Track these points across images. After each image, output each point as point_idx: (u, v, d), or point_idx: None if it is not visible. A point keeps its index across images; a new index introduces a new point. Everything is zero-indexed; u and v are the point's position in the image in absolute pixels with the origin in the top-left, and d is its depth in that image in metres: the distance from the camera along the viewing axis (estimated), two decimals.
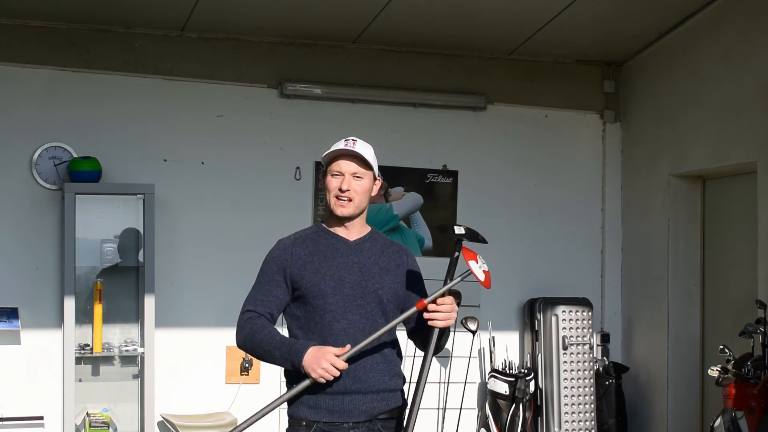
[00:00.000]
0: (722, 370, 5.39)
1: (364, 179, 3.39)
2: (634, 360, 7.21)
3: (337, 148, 3.39)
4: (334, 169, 3.38)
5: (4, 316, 6.14)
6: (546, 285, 7.19)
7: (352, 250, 3.42)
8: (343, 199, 3.37)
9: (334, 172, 3.38)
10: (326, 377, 3.21)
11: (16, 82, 6.30)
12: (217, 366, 6.59)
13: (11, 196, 6.26)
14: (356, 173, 3.38)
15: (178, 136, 6.59)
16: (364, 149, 3.39)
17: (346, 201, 3.37)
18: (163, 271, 6.30)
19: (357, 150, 3.36)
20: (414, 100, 7.01)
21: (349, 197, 3.37)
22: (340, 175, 3.37)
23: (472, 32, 6.75)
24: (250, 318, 3.37)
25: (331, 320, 3.34)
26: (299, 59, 6.79)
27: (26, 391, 6.23)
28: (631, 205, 7.32)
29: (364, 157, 3.37)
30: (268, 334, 3.31)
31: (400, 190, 7.00)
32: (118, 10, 6.24)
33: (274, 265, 3.40)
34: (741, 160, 6.18)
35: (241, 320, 3.39)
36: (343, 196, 3.36)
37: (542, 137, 7.33)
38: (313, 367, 3.21)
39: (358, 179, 3.38)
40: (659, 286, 6.93)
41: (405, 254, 3.53)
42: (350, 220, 3.42)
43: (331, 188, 3.38)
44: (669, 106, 6.88)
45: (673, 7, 6.52)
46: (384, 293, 3.40)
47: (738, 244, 6.48)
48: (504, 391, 6.74)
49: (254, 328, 3.33)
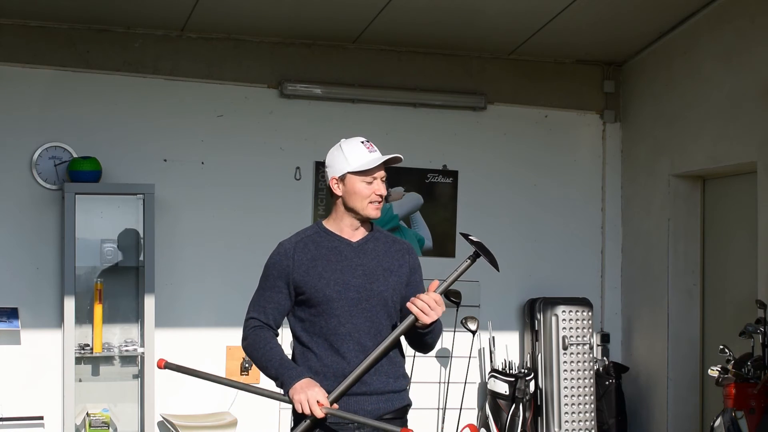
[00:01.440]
0: (722, 370, 5.39)
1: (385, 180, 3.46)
2: (634, 360, 7.21)
3: (363, 152, 3.40)
4: (372, 175, 3.40)
5: (4, 316, 6.14)
6: (546, 285, 7.19)
7: (355, 252, 3.42)
8: (377, 203, 3.41)
9: (369, 180, 3.40)
10: (301, 407, 3.21)
11: (16, 82, 6.30)
12: (217, 366, 6.58)
13: (11, 196, 6.26)
14: (384, 176, 3.44)
15: (178, 136, 6.59)
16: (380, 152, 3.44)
17: (378, 204, 3.42)
18: (163, 271, 6.30)
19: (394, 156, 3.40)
20: (414, 100, 7.01)
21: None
22: (374, 180, 3.40)
23: (473, 32, 6.75)
24: (254, 327, 3.41)
25: (337, 324, 3.34)
26: (299, 59, 6.79)
27: (26, 391, 6.23)
28: (631, 204, 7.32)
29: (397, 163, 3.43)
30: (269, 350, 3.35)
31: (400, 190, 7.00)
32: (118, 10, 6.23)
33: (276, 270, 3.41)
34: (741, 160, 6.18)
35: (246, 327, 3.44)
36: (381, 201, 3.42)
37: (542, 137, 7.33)
38: (297, 393, 3.23)
39: (383, 181, 3.44)
40: (659, 286, 6.93)
41: (407, 252, 3.53)
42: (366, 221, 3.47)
43: (365, 194, 3.39)
44: (669, 106, 6.88)
45: (673, 7, 6.52)
46: (389, 295, 3.40)
47: (738, 244, 6.48)
48: (504, 391, 6.74)
49: (257, 340, 3.39)
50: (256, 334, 3.39)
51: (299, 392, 3.23)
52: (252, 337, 3.39)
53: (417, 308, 3.26)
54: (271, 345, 3.36)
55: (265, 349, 3.35)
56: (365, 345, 3.32)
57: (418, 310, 3.26)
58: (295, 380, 3.25)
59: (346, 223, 3.44)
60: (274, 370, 3.32)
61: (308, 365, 3.35)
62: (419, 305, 3.26)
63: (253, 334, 3.39)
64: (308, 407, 3.21)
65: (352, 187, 3.39)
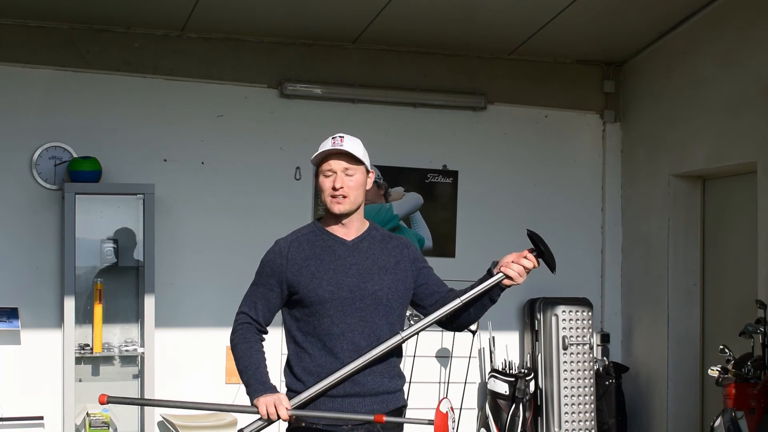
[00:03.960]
0: (722, 370, 5.39)
1: (356, 174, 3.37)
2: (634, 360, 7.21)
3: (325, 147, 3.38)
4: (325, 168, 3.37)
5: (4, 316, 6.14)
6: (546, 285, 7.14)
7: (349, 251, 3.40)
8: (338, 197, 3.36)
9: (326, 172, 3.37)
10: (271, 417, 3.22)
11: (16, 82, 6.30)
12: (217, 366, 6.59)
13: (11, 196, 6.26)
14: (347, 170, 3.36)
15: (178, 136, 6.59)
16: (352, 144, 3.37)
17: (341, 198, 3.36)
18: (163, 271, 6.30)
19: (345, 147, 3.34)
20: (414, 100, 7.01)
21: (344, 194, 3.35)
22: (332, 173, 3.36)
23: (473, 32, 6.75)
24: (243, 324, 3.41)
25: (330, 324, 3.33)
26: (299, 59, 6.80)
27: (26, 391, 6.23)
28: (631, 205, 7.32)
29: (351, 153, 3.35)
30: (249, 357, 3.35)
31: (400, 190, 7.00)
32: (118, 10, 6.23)
33: (269, 268, 3.40)
34: (741, 160, 6.18)
35: (236, 322, 3.44)
36: (338, 194, 3.35)
37: (542, 137, 7.33)
38: (260, 403, 3.24)
39: (350, 176, 3.37)
40: (659, 286, 6.93)
41: (405, 247, 3.52)
42: (348, 216, 3.40)
43: (325, 188, 3.37)
44: (669, 106, 6.88)
45: (673, 7, 6.52)
46: (383, 294, 3.37)
47: (738, 244, 6.48)
48: (504, 391, 6.74)
49: (242, 341, 3.39)
50: (243, 335, 3.39)
51: (263, 399, 3.24)
52: (239, 337, 3.40)
53: (515, 271, 3.35)
54: (252, 351, 3.36)
55: (246, 354, 3.36)
56: (359, 345, 3.31)
57: (515, 273, 3.36)
58: (261, 393, 3.27)
59: (332, 220, 3.43)
60: (247, 377, 3.32)
61: (302, 366, 3.34)
62: (516, 269, 3.35)
63: (240, 334, 3.40)
64: (273, 409, 3.21)
65: (318, 182, 3.42)
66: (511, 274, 3.36)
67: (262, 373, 3.32)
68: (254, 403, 3.26)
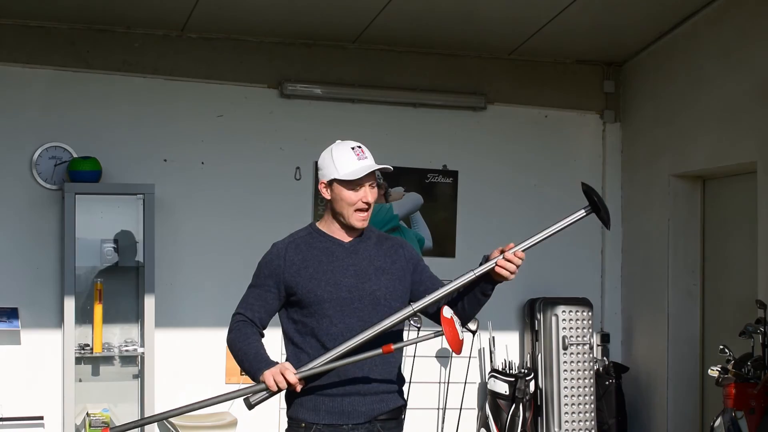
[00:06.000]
0: (722, 370, 5.39)
1: (375, 186, 3.42)
2: (634, 360, 7.21)
3: (352, 160, 3.35)
4: (355, 183, 3.35)
5: (4, 316, 6.14)
6: (546, 285, 7.18)
7: (347, 253, 3.41)
8: (365, 211, 3.38)
9: (356, 187, 3.36)
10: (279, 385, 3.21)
11: (16, 82, 6.31)
12: (217, 366, 6.59)
13: (11, 196, 6.26)
14: (372, 183, 3.40)
15: (178, 136, 6.59)
16: (372, 158, 3.39)
17: (366, 213, 3.39)
18: (163, 271, 6.30)
19: (375, 164, 3.36)
20: (414, 100, 7.01)
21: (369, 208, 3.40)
22: (361, 187, 3.37)
23: (472, 32, 6.75)
24: (238, 322, 3.42)
25: (328, 325, 3.33)
26: (299, 59, 6.80)
27: (26, 391, 6.23)
28: (631, 205, 7.32)
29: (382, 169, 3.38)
30: (247, 345, 3.35)
31: (400, 190, 7.00)
32: (118, 10, 6.24)
33: (267, 270, 3.41)
34: (741, 160, 6.18)
35: (232, 322, 3.45)
36: (367, 208, 3.38)
37: (542, 137, 7.33)
38: (266, 375, 3.23)
39: (373, 188, 3.40)
40: (659, 286, 6.93)
41: (400, 247, 3.52)
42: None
43: (352, 201, 3.36)
44: (669, 106, 6.88)
45: (673, 7, 6.52)
46: (382, 294, 3.38)
47: (738, 244, 6.48)
48: (504, 391, 6.74)
49: (239, 335, 3.39)
50: (239, 330, 3.40)
51: (268, 372, 3.23)
52: (235, 333, 3.40)
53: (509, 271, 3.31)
54: (250, 340, 3.36)
55: (244, 344, 3.35)
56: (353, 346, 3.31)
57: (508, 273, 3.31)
58: (265, 368, 3.25)
59: (337, 226, 3.44)
60: (248, 363, 3.31)
61: (300, 366, 3.34)
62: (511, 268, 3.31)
63: (236, 330, 3.41)
64: (281, 377, 3.20)
65: (339, 193, 3.37)
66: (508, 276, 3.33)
67: (262, 354, 3.32)
68: (261, 379, 3.25)
